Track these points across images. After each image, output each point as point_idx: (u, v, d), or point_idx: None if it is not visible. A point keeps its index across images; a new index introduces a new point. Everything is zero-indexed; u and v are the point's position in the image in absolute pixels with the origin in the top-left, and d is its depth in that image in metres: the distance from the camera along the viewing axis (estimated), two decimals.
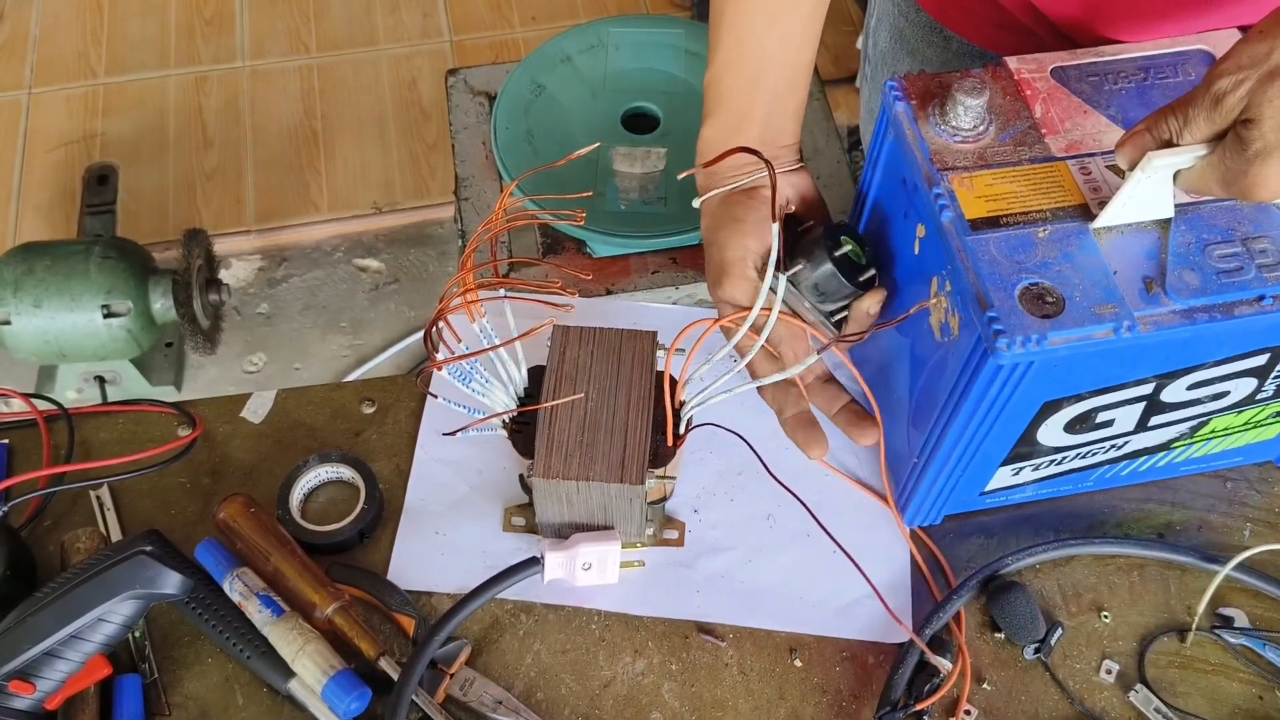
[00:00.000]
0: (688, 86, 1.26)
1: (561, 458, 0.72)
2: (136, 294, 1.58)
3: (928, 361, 0.71)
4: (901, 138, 0.69)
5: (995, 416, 0.66)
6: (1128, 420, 0.71)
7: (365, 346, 1.96)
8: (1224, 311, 0.61)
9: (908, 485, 0.78)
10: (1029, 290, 0.61)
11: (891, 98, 0.70)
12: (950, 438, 0.69)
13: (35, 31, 2.33)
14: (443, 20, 2.36)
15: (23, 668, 0.68)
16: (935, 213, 0.65)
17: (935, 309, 0.68)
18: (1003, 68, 0.71)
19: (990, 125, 0.68)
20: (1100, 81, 0.70)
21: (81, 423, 0.86)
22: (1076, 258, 0.63)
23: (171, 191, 2.10)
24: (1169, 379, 0.67)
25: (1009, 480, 0.76)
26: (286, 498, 0.80)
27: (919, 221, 0.68)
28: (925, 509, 0.78)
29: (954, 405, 0.67)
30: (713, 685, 0.75)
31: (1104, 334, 0.60)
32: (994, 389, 0.63)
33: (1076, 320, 0.60)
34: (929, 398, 0.71)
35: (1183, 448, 0.77)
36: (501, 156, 1.20)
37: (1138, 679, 0.75)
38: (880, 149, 0.73)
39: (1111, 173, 0.66)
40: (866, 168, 0.76)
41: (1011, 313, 0.60)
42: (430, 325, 0.71)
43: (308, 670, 0.71)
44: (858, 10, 2.38)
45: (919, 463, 0.74)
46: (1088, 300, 0.61)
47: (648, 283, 1.16)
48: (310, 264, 2.05)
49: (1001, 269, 0.62)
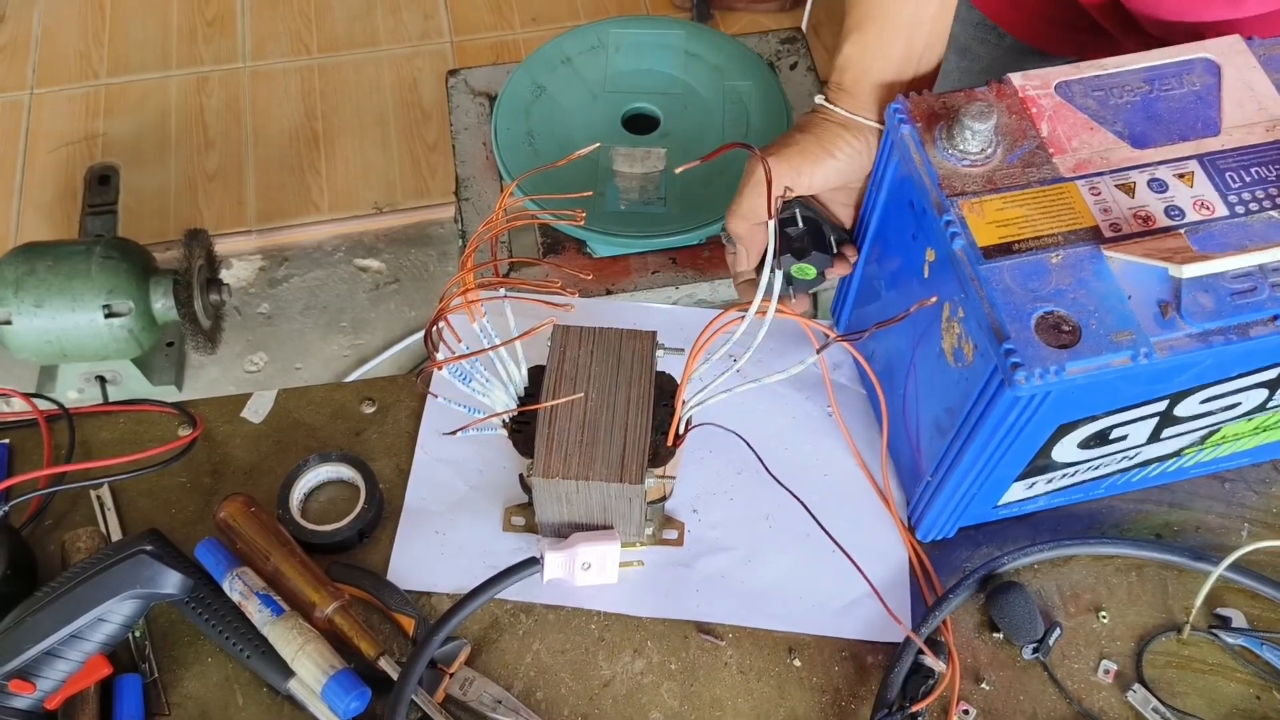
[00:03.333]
0: (688, 87, 1.26)
1: (561, 457, 0.72)
2: (137, 294, 1.58)
3: (940, 382, 0.70)
4: (907, 160, 0.68)
5: (1012, 441, 0.66)
6: (1140, 434, 0.70)
7: (366, 346, 1.97)
8: (1239, 333, 0.61)
9: (922, 501, 0.77)
10: (1045, 319, 0.60)
11: (895, 120, 0.69)
12: (967, 460, 0.69)
13: (37, 32, 2.34)
14: (443, 21, 2.36)
15: (23, 667, 0.68)
16: (946, 240, 0.64)
17: (947, 334, 0.67)
18: (1007, 84, 0.70)
19: (998, 147, 0.67)
20: (1105, 96, 0.69)
21: (82, 422, 0.86)
22: (1091, 283, 0.62)
23: (173, 192, 2.10)
24: (1183, 396, 0.66)
25: (1023, 494, 0.76)
26: (286, 497, 0.80)
27: (928, 245, 0.68)
28: (940, 524, 0.78)
29: (970, 430, 0.66)
30: (712, 685, 0.75)
31: (1121, 361, 0.60)
32: (1011, 417, 0.63)
33: (1094, 349, 0.59)
34: (943, 416, 0.71)
35: (1193, 453, 0.77)
36: (502, 157, 1.20)
37: (1135, 679, 0.75)
38: (884, 170, 0.72)
39: (1121, 193, 0.65)
40: (871, 186, 0.76)
41: (1028, 344, 0.59)
42: (430, 325, 0.71)
43: (307, 670, 0.71)
44: None
45: (934, 481, 0.74)
46: (1104, 328, 0.60)
47: (648, 283, 1.16)
48: (311, 264, 2.05)
49: (1016, 298, 0.61)
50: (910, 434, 0.78)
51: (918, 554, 0.79)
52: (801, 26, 1.96)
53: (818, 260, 0.78)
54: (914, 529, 0.80)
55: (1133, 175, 0.66)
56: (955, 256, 0.64)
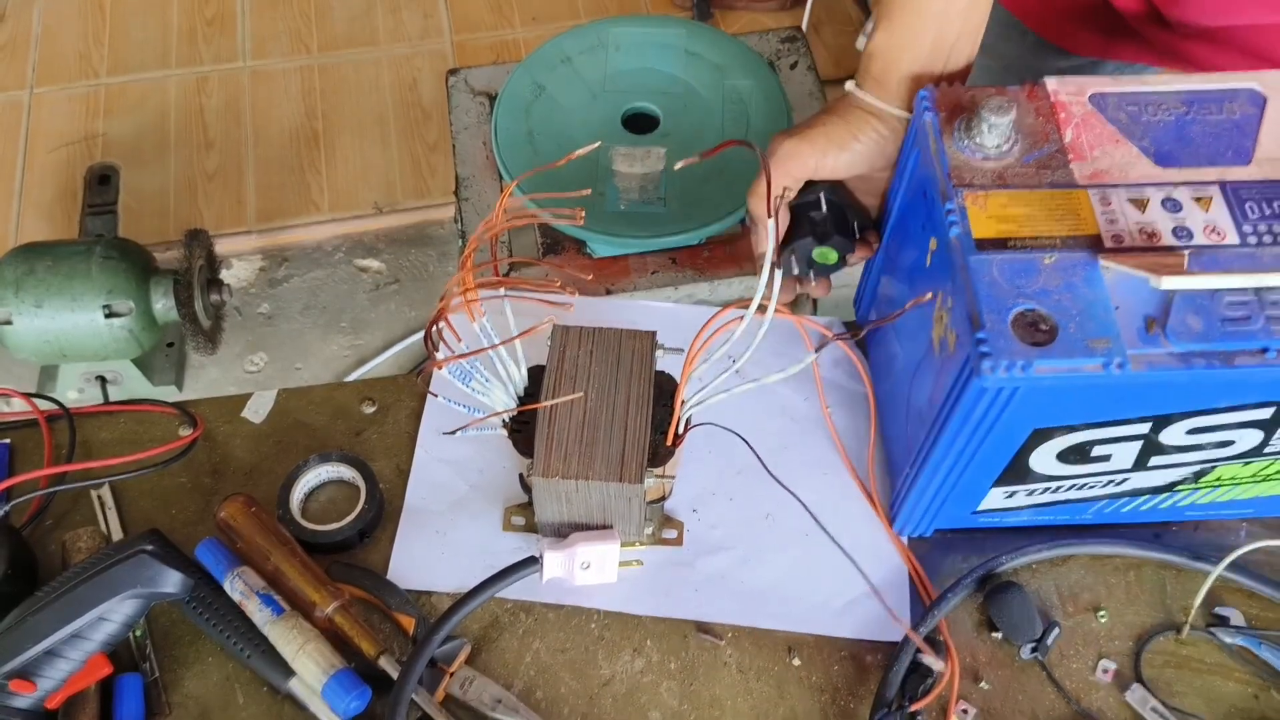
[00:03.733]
0: (688, 87, 1.26)
1: (561, 457, 0.72)
2: (138, 294, 1.58)
3: (928, 373, 0.71)
4: (925, 149, 0.68)
5: (982, 437, 0.65)
6: (1125, 457, 0.70)
7: (366, 346, 1.97)
8: (1223, 360, 0.60)
9: (900, 493, 0.78)
10: (1023, 316, 0.60)
11: (921, 108, 0.69)
12: (938, 452, 0.69)
13: (37, 31, 2.34)
14: (443, 20, 2.36)
15: (24, 667, 0.68)
16: (945, 228, 0.65)
17: (937, 324, 0.67)
18: (1041, 87, 0.70)
19: (1015, 145, 0.67)
20: (1139, 112, 0.69)
21: (82, 422, 0.86)
22: (1079, 289, 0.61)
23: (173, 192, 2.10)
24: (1167, 421, 0.66)
25: (1002, 502, 0.75)
26: (287, 497, 0.80)
27: (932, 235, 0.68)
28: (915, 519, 0.78)
29: (943, 420, 0.67)
30: (711, 684, 0.75)
31: (1093, 368, 0.59)
32: (979, 409, 0.63)
33: (1066, 351, 0.59)
34: (924, 408, 0.71)
35: (1187, 492, 0.76)
36: (502, 157, 1.20)
37: (1134, 678, 0.75)
38: (908, 159, 0.73)
39: (1133, 207, 0.65)
40: (896, 177, 0.76)
41: (1001, 336, 0.59)
42: (430, 325, 0.71)
43: (308, 669, 0.71)
44: (858, 10, 2.38)
45: (910, 472, 0.74)
46: (1082, 332, 0.60)
47: (647, 283, 1.16)
48: (311, 264, 2.06)
49: (1000, 291, 0.61)
50: (906, 440, 0.78)
51: (909, 557, 0.79)
52: (802, 26, 1.96)
53: (839, 244, 0.78)
54: (892, 521, 0.80)
55: (1149, 191, 0.65)
56: (950, 244, 0.64)
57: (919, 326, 0.72)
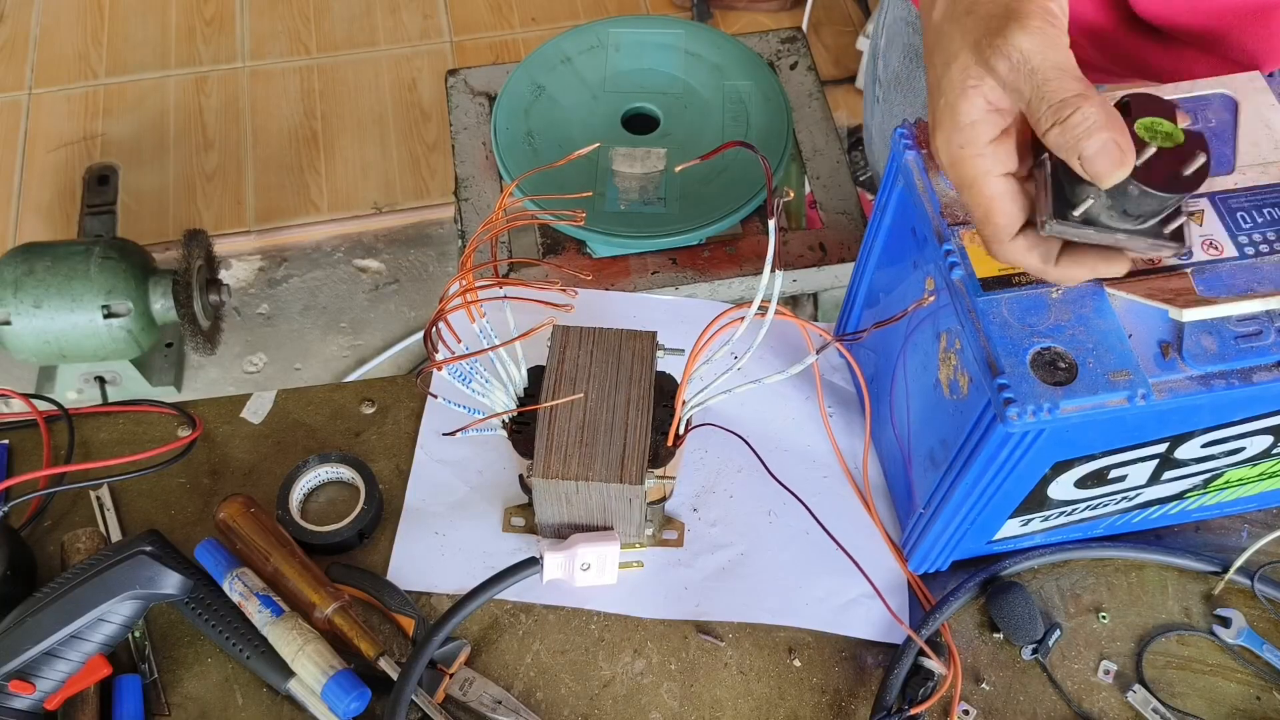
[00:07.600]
0: (688, 87, 1.26)
1: (561, 458, 0.72)
2: (137, 294, 1.58)
3: (939, 415, 0.69)
4: (911, 187, 0.67)
5: (1005, 477, 0.65)
6: (1140, 476, 0.69)
7: (365, 347, 1.97)
8: (1242, 378, 0.59)
9: (914, 534, 0.77)
10: (1041, 355, 0.59)
11: (901, 145, 0.67)
12: (958, 495, 0.68)
13: (36, 32, 2.34)
14: (443, 21, 2.36)
15: (23, 668, 0.68)
16: (945, 270, 0.63)
17: (944, 364, 0.66)
18: None
19: None
20: None
21: (81, 423, 0.86)
22: (1091, 320, 0.60)
23: (172, 192, 2.10)
24: (1184, 439, 0.65)
25: (1018, 530, 0.75)
26: (286, 498, 0.80)
27: (928, 274, 0.67)
28: (932, 557, 0.77)
29: (963, 464, 0.65)
30: (712, 685, 0.75)
31: (1118, 402, 0.58)
32: (1004, 453, 0.62)
33: (1089, 388, 0.58)
34: (937, 448, 0.70)
35: (1195, 496, 0.75)
36: (502, 157, 1.20)
37: (1136, 679, 0.75)
38: (889, 194, 0.71)
39: None
40: (875, 211, 0.74)
41: (1023, 380, 0.58)
42: (430, 325, 0.71)
43: (307, 670, 0.71)
44: (858, 10, 2.38)
45: (926, 514, 0.73)
46: (1101, 366, 0.59)
47: (647, 283, 1.16)
48: (310, 264, 2.05)
49: (1013, 332, 0.60)
50: (905, 460, 0.77)
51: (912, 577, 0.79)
52: (802, 26, 1.96)
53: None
54: (907, 559, 0.79)
55: None
56: (954, 286, 0.62)
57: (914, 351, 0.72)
